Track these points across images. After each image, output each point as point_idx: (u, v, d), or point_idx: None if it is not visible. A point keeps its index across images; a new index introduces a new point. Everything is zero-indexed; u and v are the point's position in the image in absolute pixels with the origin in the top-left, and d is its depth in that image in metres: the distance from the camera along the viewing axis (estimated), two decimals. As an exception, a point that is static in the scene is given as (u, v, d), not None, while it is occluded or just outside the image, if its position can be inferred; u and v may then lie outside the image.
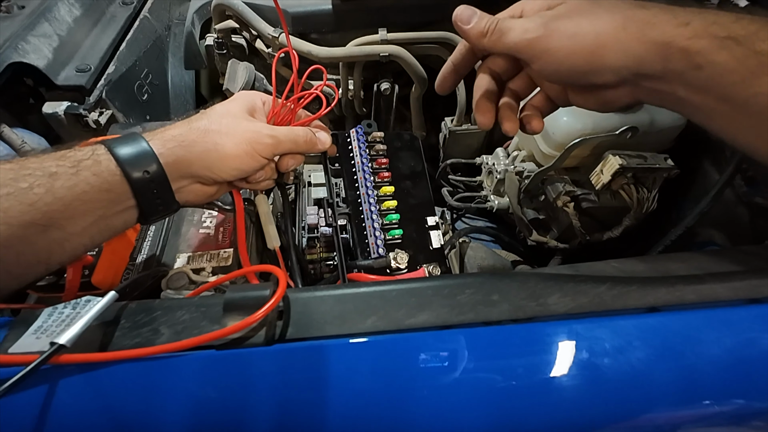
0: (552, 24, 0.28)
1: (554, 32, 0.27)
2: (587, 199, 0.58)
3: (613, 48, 0.26)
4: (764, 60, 0.24)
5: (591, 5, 0.27)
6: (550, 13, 0.29)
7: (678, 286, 0.25)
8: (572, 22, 0.27)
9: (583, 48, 0.27)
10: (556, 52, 0.27)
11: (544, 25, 0.28)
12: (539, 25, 0.28)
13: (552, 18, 0.28)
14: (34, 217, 0.26)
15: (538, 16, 0.29)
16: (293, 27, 0.66)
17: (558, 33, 0.27)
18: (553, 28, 0.27)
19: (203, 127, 0.33)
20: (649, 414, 0.22)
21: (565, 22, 0.27)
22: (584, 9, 0.27)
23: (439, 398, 0.22)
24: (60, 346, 0.20)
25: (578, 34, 0.27)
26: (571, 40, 0.27)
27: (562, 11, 0.28)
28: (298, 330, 0.24)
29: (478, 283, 0.26)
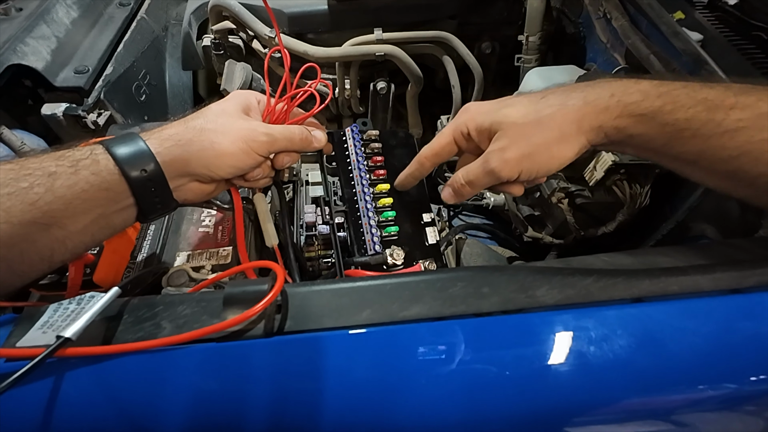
0: (508, 153, 0.33)
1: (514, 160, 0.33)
2: (581, 196, 0.59)
3: (565, 147, 0.32)
4: (674, 128, 0.29)
5: (529, 125, 0.32)
6: (500, 146, 0.33)
7: (662, 277, 0.25)
8: (524, 144, 0.33)
9: (546, 159, 0.33)
10: (527, 172, 0.33)
11: (504, 161, 0.33)
12: (500, 161, 0.33)
13: (505, 149, 0.33)
14: (36, 215, 0.27)
15: (496, 153, 0.34)
16: (290, 27, 0.67)
17: (518, 159, 0.33)
18: (512, 156, 0.33)
19: (199, 125, 0.34)
20: (632, 399, 0.23)
21: (518, 146, 0.33)
22: (526, 131, 0.33)
23: (432, 387, 0.23)
24: (66, 339, 0.21)
25: (533, 154, 0.32)
26: (531, 160, 0.33)
27: (509, 139, 0.33)
28: (296, 323, 0.25)
29: (469, 277, 0.27)
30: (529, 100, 0.34)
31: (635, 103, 0.30)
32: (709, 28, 0.52)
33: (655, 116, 0.30)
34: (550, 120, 0.32)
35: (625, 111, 0.30)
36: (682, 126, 0.29)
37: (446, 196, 0.39)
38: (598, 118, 0.31)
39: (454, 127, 0.37)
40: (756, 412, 0.24)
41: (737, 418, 0.24)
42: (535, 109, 0.33)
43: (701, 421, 0.24)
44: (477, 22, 0.75)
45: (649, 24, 0.57)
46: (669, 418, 0.24)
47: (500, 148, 0.33)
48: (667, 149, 0.31)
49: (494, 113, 0.34)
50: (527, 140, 0.32)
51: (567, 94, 0.32)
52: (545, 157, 0.32)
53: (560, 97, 0.33)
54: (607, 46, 0.66)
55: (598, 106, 0.31)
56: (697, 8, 0.56)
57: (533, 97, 0.34)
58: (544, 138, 0.32)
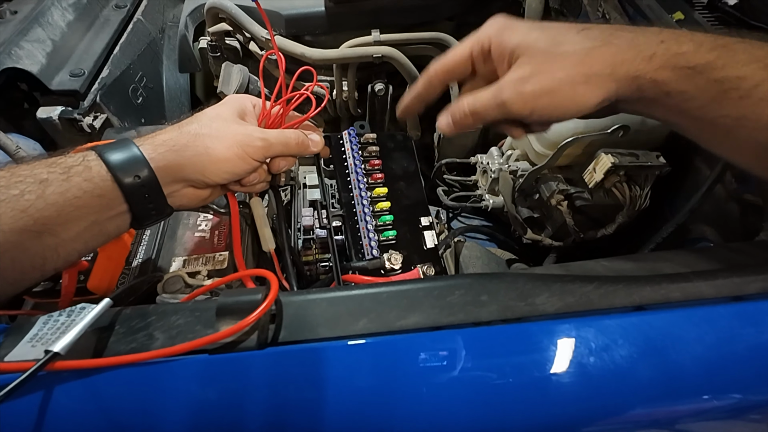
0: (526, 86, 0.29)
1: (530, 95, 0.29)
2: (580, 198, 0.58)
3: (591, 89, 0.28)
4: (722, 87, 0.26)
5: (558, 56, 0.28)
6: (520, 75, 0.29)
7: (663, 284, 0.25)
8: (547, 78, 0.29)
9: (566, 99, 0.29)
10: (540, 112, 0.29)
11: (519, 93, 0.29)
12: (515, 94, 0.29)
13: (524, 80, 0.29)
14: (27, 223, 0.27)
15: (513, 83, 0.30)
16: (286, 29, 0.67)
17: (535, 95, 0.29)
18: (530, 90, 0.29)
19: (194, 131, 0.34)
20: (634, 411, 0.22)
21: (539, 80, 0.29)
22: (553, 63, 0.28)
23: (430, 399, 0.23)
24: (54, 354, 0.20)
25: (554, 91, 0.29)
26: (549, 98, 0.29)
27: (531, 69, 0.29)
28: (291, 333, 0.25)
29: (467, 284, 0.26)
30: (567, 27, 0.29)
31: (685, 53, 0.26)
32: (708, 28, 0.52)
33: (704, 71, 0.26)
34: (584, 55, 0.28)
35: (670, 61, 0.26)
36: (731, 85, 0.26)
37: (443, 125, 0.34)
38: (637, 66, 0.27)
39: (476, 38, 0.32)
40: (761, 420, 0.24)
41: (742, 428, 0.24)
42: (571, 38, 0.28)
43: (705, 431, 0.24)
44: (475, 23, 0.73)
45: (648, 25, 0.57)
46: (671, 429, 0.24)
47: (519, 77, 0.29)
48: (705, 111, 0.27)
49: (524, 34, 0.29)
50: (551, 74, 0.28)
51: (612, 32, 0.28)
52: (566, 97, 0.28)
53: (604, 32, 0.28)
54: (606, 47, 0.65)
55: (643, 52, 0.27)
56: (697, 9, 0.55)
57: (572, 26, 0.29)
58: (570, 74, 0.28)
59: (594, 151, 0.56)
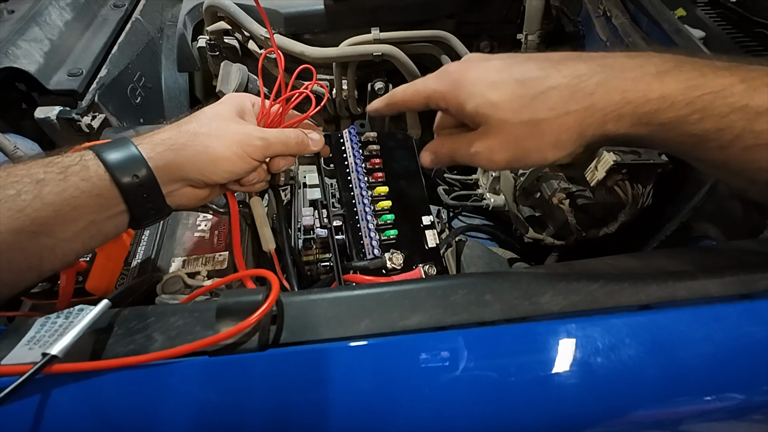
0: (497, 156, 0.30)
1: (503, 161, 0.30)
2: (582, 196, 0.58)
3: (559, 151, 0.29)
4: (699, 139, 0.26)
5: (521, 128, 0.29)
6: (488, 146, 0.30)
7: (669, 282, 0.25)
8: (515, 148, 0.30)
9: (536, 161, 0.30)
10: (514, 168, 0.33)
11: (491, 162, 0.31)
12: (487, 161, 0.31)
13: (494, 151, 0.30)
14: (24, 223, 0.26)
15: (484, 151, 0.31)
16: (286, 28, 0.66)
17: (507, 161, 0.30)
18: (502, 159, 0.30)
19: (192, 130, 0.33)
20: (641, 411, 0.22)
21: (508, 150, 0.30)
22: (518, 134, 0.29)
23: (434, 400, 0.23)
24: (52, 356, 0.20)
25: (524, 158, 0.30)
26: (520, 162, 0.30)
27: (499, 141, 0.30)
28: (292, 334, 0.24)
29: (470, 284, 0.26)
30: (523, 87, 0.28)
31: (654, 111, 0.26)
32: (710, 25, 0.51)
33: (678, 126, 0.26)
34: (547, 126, 0.28)
35: (641, 120, 0.26)
36: (709, 137, 0.25)
37: (426, 161, 0.36)
38: (605, 126, 0.27)
39: (431, 94, 0.32)
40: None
41: (752, 428, 0.23)
42: (530, 105, 0.28)
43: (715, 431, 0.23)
44: (475, 21, 0.74)
45: (649, 21, 0.56)
46: (680, 429, 0.23)
47: (488, 147, 0.30)
48: (686, 155, 0.28)
49: (478, 95, 0.29)
50: (519, 144, 0.29)
51: (571, 94, 0.28)
52: (536, 160, 0.30)
53: (563, 96, 0.28)
54: (607, 45, 0.65)
55: (608, 115, 0.27)
56: (699, 5, 0.55)
57: (528, 82, 0.28)
58: (538, 144, 0.29)
59: (596, 149, 0.56)
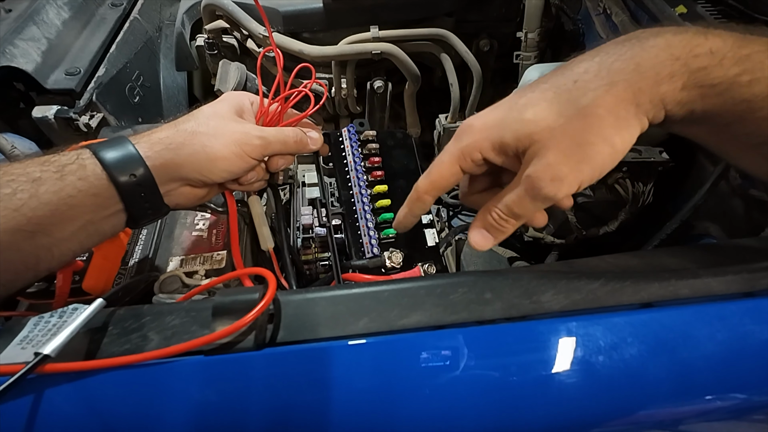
0: (562, 169, 0.25)
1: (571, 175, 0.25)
2: (583, 194, 0.58)
3: (625, 135, 0.24)
4: (750, 106, 0.23)
5: (572, 124, 0.24)
6: (547, 162, 0.25)
7: (672, 281, 0.24)
8: (576, 150, 0.24)
9: (607, 156, 0.25)
10: (588, 179, 0.25)
11: (559, 179, 0.25)
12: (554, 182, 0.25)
13: (555, 166, 0.25)
14: (20, 222, 0.26)
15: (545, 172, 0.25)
16: (284, 26, 0.66)
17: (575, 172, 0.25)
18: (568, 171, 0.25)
19: (190, 129, 0.33)
20: (644, 410, 0.22)
21: (568, 156, 0.25)
22: (572, 132, 0.24)
23: (433, 400, 0.22)
24: (44, 356, 0.20)
25: (591, 156, 0.24)
26: (590, 165, 0.24)
27: (557, 153, 0.25)
28: (290, 333, 0.24)
29: (470, 282, 0.26)
30: (554, 91, 0.25)
31: (705, 69, 0.23)
32: (711, 22, 0.51)
33: (729, 89, 0.23)
34: (596, 107, 0.24)
35: (691, 79, 0.23)
36: (758, 104, 0.23)
37: (479, 242, 0.28)
38: (659, 88, 0.23)
39: (460, 154, 0.28)
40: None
41: (757, 428, 0.23)
42: (568, 99, 0.24)
43: (718, 431, 0.23)
44: (475, 20, 0.74)
45: (650, 19, 0.56)
46: (683, 429, 0.23)
47: (547, 165, 0.24)
48: (731, 128, 0.24)
49: (513, 123, 0.25)
50: (577, 143, 0.24)
51: (610, 65, 0.24)
52: (606, 153, 0.24)
53: (600, 71, 0.24)
54: (608, 43, 0.65)
55: (660, 73, 0.23)
56: (700, 2, 0.55)
57: (556, 84, 0.25)
58: (597, 133, 0.24)
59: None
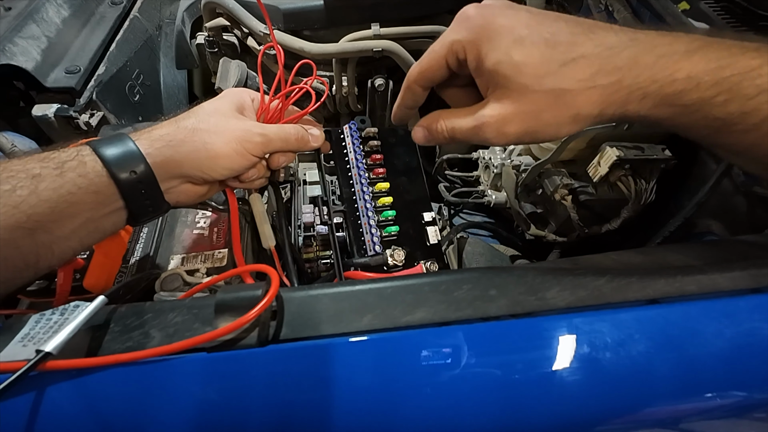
0: (509, 127, 0.27)
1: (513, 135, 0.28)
2: (585, 192, 0.58)
3: (574, 127, 0.27)
4: (723, 122, 0.25)
5: (543, 97, 0.26)
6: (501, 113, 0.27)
7: (678, 277, 0.24)
8: (531, 121, 0.27)
9: (548, 135, 0.27)
10: (521, 143, 0.30)
11: (501, 133, 0.28)
12: (496, 133, 0.28)
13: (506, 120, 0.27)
14: (19, 219, 0.26)
15: (494, 121, 0.28)
16: (285, 24, 0.66)
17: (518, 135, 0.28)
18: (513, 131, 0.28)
19: (191, 125, 0.33)
20: (651, 407, 0.22)
21: (522, 121, 0.27)
22: (538, 104, 0.27)
23: (438, 397, 0.22)
24: (46, 353, 0.20)
25: (537, 132, 0.27)
26: (531, 137, 0.27)
27: (514, 108, 0.27)
28: (293, 330, 0.24)
29: (475, 279, 0.25)
30: (552, 51, 0.26)
31: (679, 92, 0.24)
32: (715, 18, 0.51)
33: (702, 108, 0.24)
34: (570, 98, 0.25)
35: (665, 100, 0.25)
36: (734, 120, 0.24)
37: (419, 136, 0.33)
38: (626, 106, 0.25)
39: (450, 46, 0.29)
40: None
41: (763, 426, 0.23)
42: (557, 72, 0.25)
43: (724, 428, 0.23)
44: (476, 17, 0.73)
45: (652, 16, 0.56)
46: (691, 426, 0.23)
47: (501, 116, 0.27)
48: (708, 140, 0.26)
49: (501, 47, 0.26)
50: (536, 116, 0.26)
51: (601, 66, 0.25)
52: (549, 134, 0.27)
53: (592, 66, 0.25)
54: (609, 40, 0.64)
55: (633, 93, 0.25)
56: (703, -1, 0.54)
57: (558, 46, 0.26)
58: (556, 117, 0.26)
59: (598, 144, 0.55)
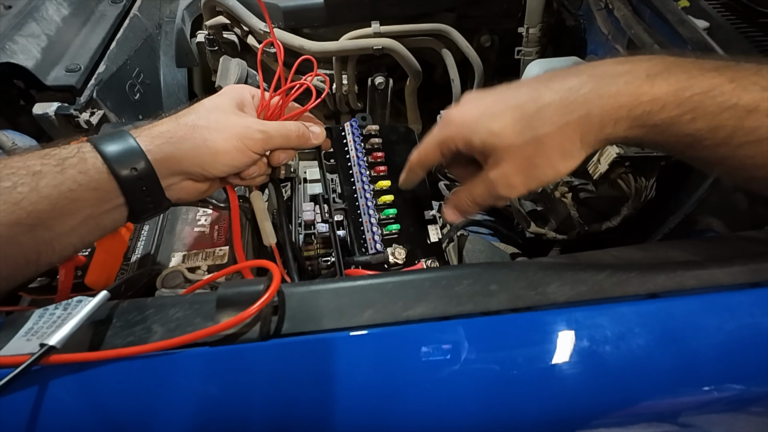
0: (514, 179, 0.31)
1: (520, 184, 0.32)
2: (585, 190, 0.58)
3: (568, 161, 0.30)
4: (694, 138, 0.27)
5: (527, 147, 0.30)
6: (503, 172, 0.31)
7: (678, 272, 0.24)
8: (527, 167, 0.31)
9: (550, 176, 0.31)
10: (535, 187, 0.32)
11: (510, 186, 0.32)
12: (506, 187, 0.32)
13: (509, 176, 0.31)
14: (20, 216, 0.26)
15: (500, 179, 0.32)
16: (285, 22, 0.66)
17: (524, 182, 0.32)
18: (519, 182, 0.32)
19: (191, 122, 0.33)
20: (651, 401, 0.22)
21: (520, 170, 0.31)
22: (526, 153, 0.30)
23: (439, 391, 0.22)
24: (50, 347, 0.20)
25: (538, 175, 0.31)
26: (536, 179, 0.31)
27: (512, 166, 0.31)
28: (294, 324, 0.24)
29: (476, 274, 0.25)
30: (520, 111, 0.30)
31: (648, 113, 0.27)
32: (715, 15, 0.51)
33: (671, 126, 0.27)
34: (549, 140, 0.29)
35: (636, 122, 0.28)
36: (703, 136, 0.27)
37: (450, 217, 0.36)
38: (603, 131, 0.29)
39: (440, 142, 0.34)
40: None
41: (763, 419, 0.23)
42: (529, 125, 0.30)
43: (725, 422, 0.23)
44: (476, 15, 0.73)
45: (652, 13, 0.56)
46: (691, 420, 0.23)
47: (503, 174, 0.31)
48: (682, 155, 0.29)
49: (481, 129, 0.31)
50: (529, 162, 0.30)
51: (565, 106, 0.29)
52: (550, 174, 0.31)
53: (558, 109, 0.29)
54: (609, 38, 0.64)
55: (604, 120, 0.28)
56: (703, -4, 0.54)
57: (524, 105, 0.30)
58: (546, 159, 0.30)
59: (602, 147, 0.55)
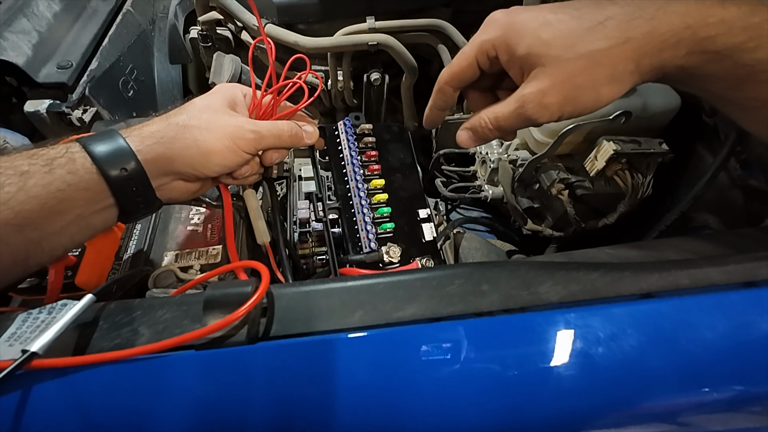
0: (549, 98, 0.28)
1: (555, 106, 0.28)
2: (581, 186, 0.57)
3: (614, 88, 0.27)
4: (751, 70, 0.25)
5: (576, 63, 0.27)
6: (539, 88, 0.28)
7: (672, 271, 0.24)
8: (568, 87, 0.27)
9: (590, 101, 0.28)
10: (566, 116, 0.29)
11: (543, 106, 0.28)
12: (539, 107, 0.28)
13: (545, 93, 0.28)
14: (8, 216, 0.26)
15: (534, 96, 0.28)
16: (278, 17, 0.65)
17: (560, 105, 0.28)
18: (554, 102, 0.28)
19: (182, 122, 0.32)
20: (645, 402, 0.22)
21: (560, 90, 0.28)
22: (572, 71, 0.27)
23: (429, 393, 0.22)
24: (32, 353, 0.19)
25: (578, 97, 0.28)
26: (573, 104, 0.28)
27: (551, 80, 0.28)
28: (283, 327, 0.23)
29: (467, 273, 0.25)
30: (578, 22, 0.27)
31: (712, 37, 0.25)
32: None
33: (732, 54, 0.25)
34: (603, 57, 0.26)
35: (697, 47, 0.25)
36: (762, 68, 0.24)
37: (464, 139, 0.33)
38: (661, 55, 0.26)
39: (478, 46, 0.30)
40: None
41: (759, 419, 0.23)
42: (585, 39, 0.26)
43: (718, 422, 0.23)
44: (472, 10, 0.72)
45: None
46: (684, 420, 0.23)
47: (540, 90, 0.27)
48: (732, 92, 0.27)
49: (530, 35, 0.27)
50: (572, 81, 0.27)
51: (630, 21, 0.26)
52: (590, 99, 0.27)
53: (621, 24, 0.26)
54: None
55: (667, 41, 0.25)
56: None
57: (583, 17, 0.27)
58: (592, 79, 0.27)
59: (595, 138, 0.55)
